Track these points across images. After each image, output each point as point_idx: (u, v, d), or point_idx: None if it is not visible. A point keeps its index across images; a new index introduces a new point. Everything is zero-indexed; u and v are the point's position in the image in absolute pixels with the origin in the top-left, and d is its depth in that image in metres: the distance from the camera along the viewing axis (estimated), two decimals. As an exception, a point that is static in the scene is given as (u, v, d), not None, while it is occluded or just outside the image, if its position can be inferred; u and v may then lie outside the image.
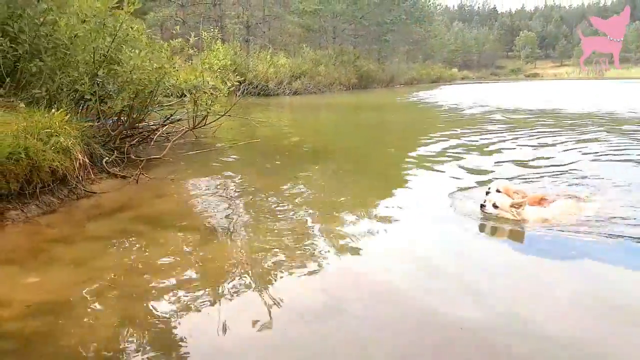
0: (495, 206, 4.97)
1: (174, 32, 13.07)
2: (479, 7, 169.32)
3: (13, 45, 6.86)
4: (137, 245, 4.38)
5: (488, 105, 23.47)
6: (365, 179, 7.58)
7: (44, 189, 5.46)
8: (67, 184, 5.84)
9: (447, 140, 11.02)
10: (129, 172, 7.08)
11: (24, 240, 4.45)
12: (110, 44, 7.15)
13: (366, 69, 51.91)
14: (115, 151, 7.65)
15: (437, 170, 7.73)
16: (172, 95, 8.94)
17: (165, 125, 9.60)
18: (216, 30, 7.80)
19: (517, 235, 4.71)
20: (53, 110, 6.20)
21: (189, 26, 40.25)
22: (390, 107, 25.98)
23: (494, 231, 4.83)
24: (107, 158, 7.16)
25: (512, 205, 4.92)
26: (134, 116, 8.43)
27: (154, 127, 9.47)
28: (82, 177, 6.06)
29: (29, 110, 6.33)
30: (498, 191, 5.22)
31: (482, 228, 4.93)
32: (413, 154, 9.47)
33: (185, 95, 8.12)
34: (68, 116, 6.26)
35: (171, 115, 9.73)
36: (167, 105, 9.93)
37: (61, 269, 3.83)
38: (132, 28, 7.41)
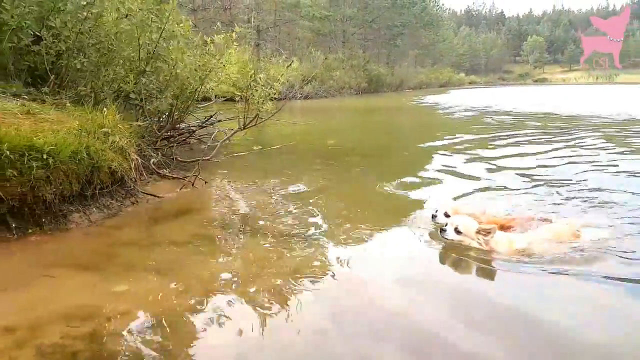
0: (458, 231, 4.10)
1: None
2: (486, 12, 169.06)
3: (55, 41, 6.59)
4: (218, 250, 4.08)
5: (511, 108, 23.10)
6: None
7: (103, 190, 5.17)
8: (123, 185, 5.55)
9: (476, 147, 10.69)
10: (178, 174, 6.80)
11: (94, 244, 4.17)
12: (157, 40, 6.85)
13: (376, 73, 51.72)
14: (159, 152, 7.37)
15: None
16: (215, 96, 8.64)
17: (204, 126, 9.32)
18: (237, 30, 7.43)
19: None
20: (105, 108, 5.93)
21: (199, 31, 40.15)
22: (409, 110, 25.66)
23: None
24: (154, 159, 6.88)
25: (478, 232, 4.06)
26: (176, 116, 8.15)
27: (193, 128, 9.19)
28: (137, 178, 5.78)
29: (76, 109, 6.07)
30: (447, 215, 4.47)
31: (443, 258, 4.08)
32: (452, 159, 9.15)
33: (232, 96, 7.84)
34: (119, 115, 6.00)
35: (210, 116, 9.45)
36: (204, 106, 9.65)
37: (147, 276, 3.53)
38: (178, 24, 7.11)
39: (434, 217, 4.56)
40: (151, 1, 6.81)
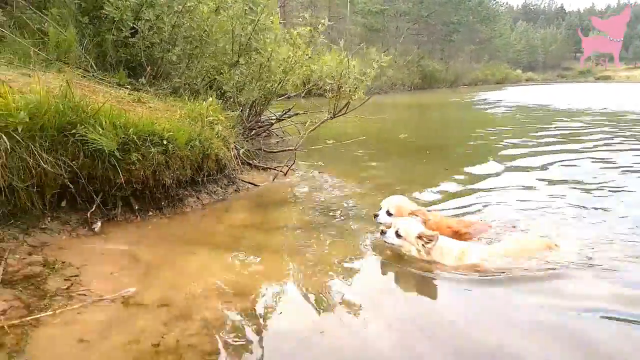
0: (398, 235, 3.60)
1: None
2: (544, 6, 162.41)
3: (150, 33, 6.82)
4: (333, 235, 4.13)
5: (584, 107, 21.90)
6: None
7: (210, 177, 5.34)
8: (224, 173, 5.71)
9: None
10: (266, 164, 6.94)
11: (217, 227, 4.32)
12: (251, 32, 6.98)
13: (430, 69, 50.79)
14: (247, 143, 7.53)
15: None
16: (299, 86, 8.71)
17: (283, 119, 9.44)
18: (325, 23, 7.42)
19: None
20: (205, 99, 6.11)
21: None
22: (466, 107, 25.01)
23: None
24: (243, 149, 7.03)
25: (420, 237, 3.50)
26: (259, 108, 8.30)
27: (272, 120, 9.33)
28: (237, 167, 5.94)
29: (175, 99, 6.29)
30: (389, 213, 3.94)
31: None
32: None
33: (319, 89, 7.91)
34: (218, 105, 6.17)
35: (289, 109, 9.56)
36: (282, 98, 9.75)
37: (279, 257, 3.63)
38: (270, 16, 7.23)
39: (375, 216, 4.04)
40: (245, -6, 6.95)
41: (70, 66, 5.89)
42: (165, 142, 4.50)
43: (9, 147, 3.56)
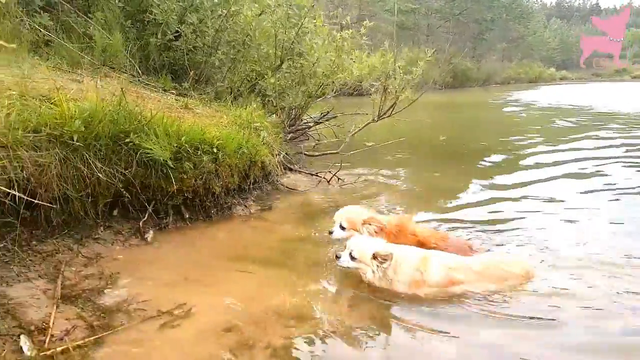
0: (353, 257, 3.22)
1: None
2: (579, 3, 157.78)
3: (193, 37, 6.77)
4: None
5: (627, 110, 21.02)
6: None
7: (255, 184, 5.26)
8: (268, 179, 5.62)
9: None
10: (307, 169, 6.83)
11: (266, 239, 4.24)
12: (294, 36, 6.86)
13: (462, 68, 49.91)
14: (287, 147, 7.43)
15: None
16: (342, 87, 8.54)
17: (321, 122, 9.32)
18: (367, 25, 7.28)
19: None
20: (248, 104, 6.04)
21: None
22: (501, 108, 24.37)
23: None
24: (283, 153, 6.93)
25: (375, 257, 3.13)
26: (299, 111, 8.20)
27: (310, 124, 9.20)
28: (280, 173, 5.84)
29: (219, 104, 6.22)
30: (342, 227, 3.62)
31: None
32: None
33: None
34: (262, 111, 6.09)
35: (327, 112, 9.43)
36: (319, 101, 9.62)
37: (337, 276, 3.47)
38: (313, 19, 7.11)
39: (330, 233, 3.72)
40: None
41: (116, 71, 5.90)
42: (215, 150, 4.43)
43: (64, 156, 3.54)
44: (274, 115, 7.19)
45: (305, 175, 6.62)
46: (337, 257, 3.28)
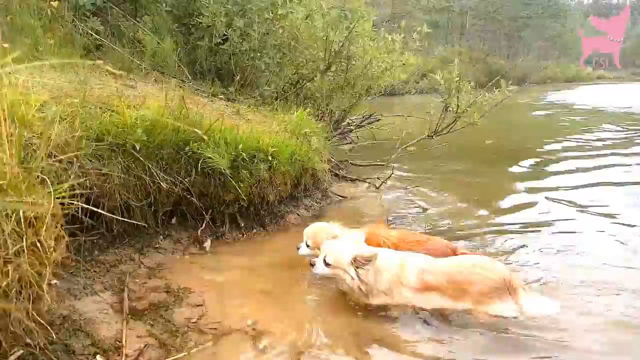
0: (327, 263, 3.03)
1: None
2: (616, 1, 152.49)
3: (240, 40, 6.71)
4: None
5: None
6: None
7: (306, 192, 5.17)
8: (318, 186, 5.52)
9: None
10: (352, 175, 6.72)
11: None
12: (345, 38, 6.71)
13: (497, 67, 48.87)
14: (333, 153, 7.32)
15: None
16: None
17: (362, 125, 9.17)
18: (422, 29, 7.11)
19: None
20: (297, 109, 5.94)
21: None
22: (542, 109, 23.61)
23: None
24: (333, 160, 6.83)
25: (354, 261, 2.91)
26: (344, 114, 8.08)
27: (351, 127, 9.05)
28: (329, 180, 5.74)
29: (265, 109, 6.15)
30: (307, 245, 3.49)
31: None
32: None
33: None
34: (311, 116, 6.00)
35: (370, 115, 9.26)
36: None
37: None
38: (362, 20, 6.96)
39: (298, 248, 3.58)
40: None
41: (165, 75, 5.90)
42: (270, 157, 4.35)
43: (126, 165, 3.51)
44: (321, 119, 7.11)
45: (351, 181, 6.51)
46: (312, 265, 3.11)
